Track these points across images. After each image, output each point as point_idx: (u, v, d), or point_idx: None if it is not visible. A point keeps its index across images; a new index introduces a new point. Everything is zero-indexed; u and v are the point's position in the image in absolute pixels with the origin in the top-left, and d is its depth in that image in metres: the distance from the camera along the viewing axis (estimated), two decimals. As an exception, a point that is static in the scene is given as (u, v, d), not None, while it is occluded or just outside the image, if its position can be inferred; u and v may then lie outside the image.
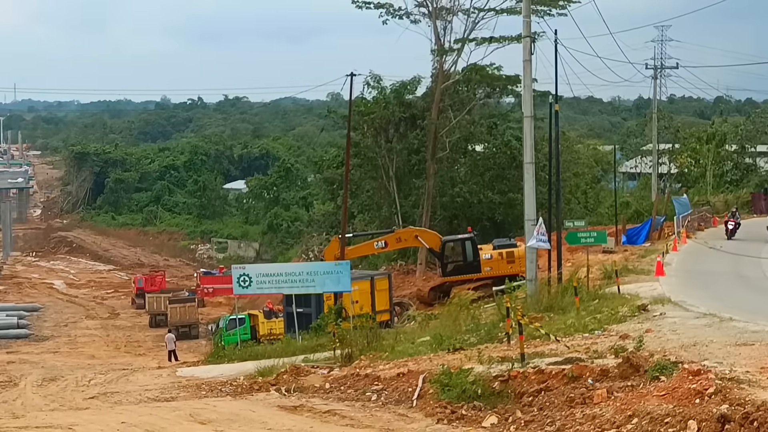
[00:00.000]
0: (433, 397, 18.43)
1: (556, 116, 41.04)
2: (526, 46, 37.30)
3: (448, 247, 50.06)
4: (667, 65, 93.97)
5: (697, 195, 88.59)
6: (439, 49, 63.00)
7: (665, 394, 15.45)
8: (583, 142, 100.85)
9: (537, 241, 34.97)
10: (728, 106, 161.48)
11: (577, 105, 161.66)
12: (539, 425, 16.27)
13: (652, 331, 23.58)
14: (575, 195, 78.17)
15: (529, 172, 37.33)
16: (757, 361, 17.74)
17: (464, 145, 68.68)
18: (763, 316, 25.61)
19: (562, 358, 19.22)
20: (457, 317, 31.36)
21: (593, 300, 32.27)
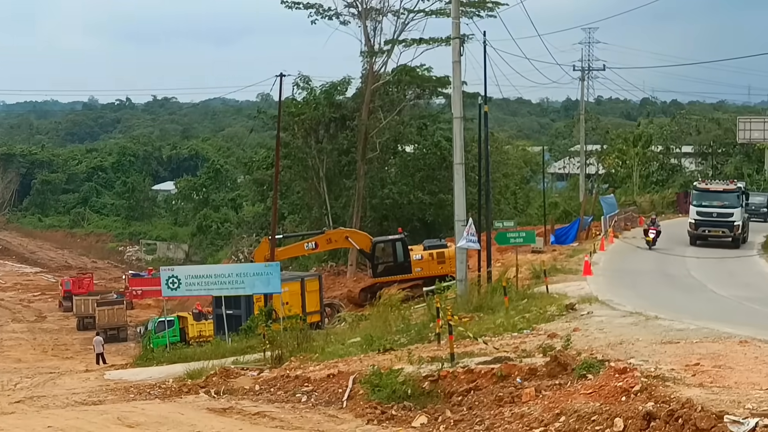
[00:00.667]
0: (364, 397, 18.43)
1: (485, 117, 41.26)
2: (455, 48, 37.50)
3: (378, 248, 50.13)
4: (594, 67, 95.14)
5: (624, 195, 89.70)
6: (369, 50, 63.06)
7: (592, 392, 15.62)
8: (513, 143, 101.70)
9: (467, 241, 35.15)
10: (654, 108, 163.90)
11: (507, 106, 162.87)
12: (468, 424, 16.35)
13: (580, 329, 23.82)
14: (505, 195, 78.74)
15: (458, 172, 37.53)
16: (682, 359, 18.00)
17: (394, 145, 68.85)
18: (688, 314, 26.02)
19: (491, 358, 19.34)
20: (387, 318, 31.37)
21: (522, 299, 32.52)
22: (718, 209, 51.59)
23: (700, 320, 24.26)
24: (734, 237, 51.61)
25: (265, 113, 74.74)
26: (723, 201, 51.83)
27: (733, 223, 51.40)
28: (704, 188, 53.71)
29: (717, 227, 51.62)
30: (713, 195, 52.55)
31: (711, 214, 51.56)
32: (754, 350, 19.08)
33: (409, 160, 70.14)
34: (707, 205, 51.91)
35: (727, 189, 52.86)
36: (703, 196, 52.80)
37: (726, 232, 51.61)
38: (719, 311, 28.61)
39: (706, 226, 51.69)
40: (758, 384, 15.40)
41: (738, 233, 51.64)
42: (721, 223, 51.54)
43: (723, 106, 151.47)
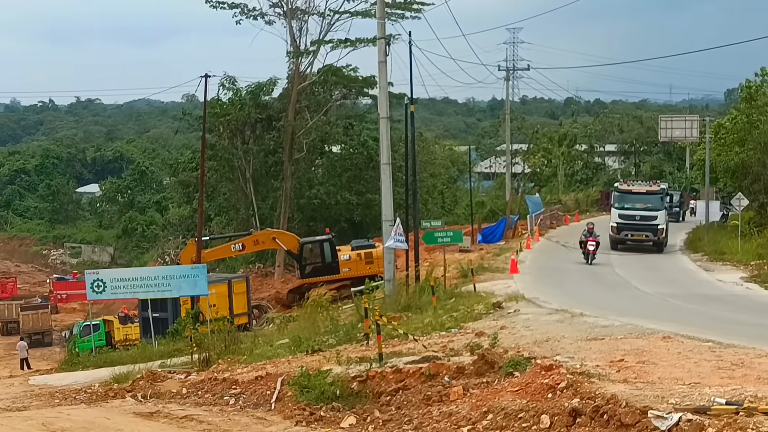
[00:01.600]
0: (292, 399, 18.38)
1: (411, 117, 41.40)
2: (380, 48, 37.57)
3: (306, 249, 50.04)
4: (519, 67, 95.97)
5: (550, 194, 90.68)
6: (295, 50, 62.90)
7: (519, 390, 15.74)
8: (439, 143, 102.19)
9: (394, 241, 35.24)
10: (578, 107, 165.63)
11: (433, 106, 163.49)
12: (397, 424, 16.38)
13: (507, 327, 24.01)
14: (432, 195, 79.07)
15: (385, 172, 37.61)
16: (607, 355, 18.22)
17: (321, 146, 68.75)
18: (613, 310, 26.36)
19: (420, 357, 19.39)
20: (316, 319, 31.35)
21: (450, 298, 32.71)
22: (641, 212, 49.78)
23: (624, 317, 24.59)
24: (658, 241, 50.02)
25: (191, 114, 74.14)
26: (646, 203, 50.04)
27: (657, 226, 49.73)
28: (626, 190, 51.60)
29: (640, 231, 49.73)
30: (636, 197, 50.59)
31: (634, 217, 49.75)
32: (677, 346, 19.37)
33: (336, 161, 70.13)
34: (630, 207, 50.05)
35: (650, 190, 51.01)
36: (625, 197, 50.79)
37: (649, 236, 49.74)
38: (643, 308, 29.01)
39: (629, 230, 49.79)
40: (681, 379, 15.64)
41: (662, 237, 50.24)
42: (645, 226, 49.70)
43: (645, 105, 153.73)
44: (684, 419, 12.97)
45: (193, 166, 72.16)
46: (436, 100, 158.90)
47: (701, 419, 12.87)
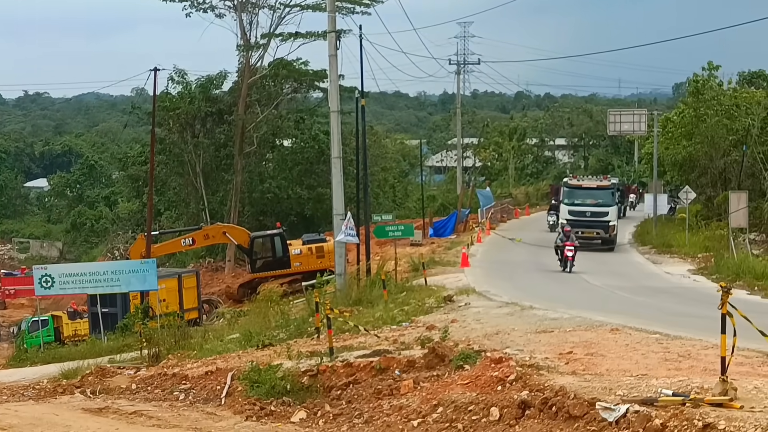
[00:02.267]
0: (242, 394, 18.33)
1: (362, 111, 41.41)
2: (331, 42, 37.56)
3: (257, 243, 49.88)
4: (469, 61, 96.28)
5: (500, 188, 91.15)
6: (245, 43, 62.68)
7: (469, 383, 15.81)
8: (391, 137, 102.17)
9: (345, 235, 35.26)
10: (528, 101, 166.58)
11: (384, 100, 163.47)
12: (347, 418, 16.40)
13: (458, 321, 24.10)
14: (383, 189, 79.11)
15: (336, 166, 37.62)
16: (556, 347, 18.36)
17: (272, 139, 68.55)
18: (562, 303, 26.56)
19: (370, 351, 19.43)
20: (267, 313, 31.30)
21: (401, 292, 32.80)
22: (591, 208, 47.93)
23: (573, 309, 24.79)
24: (609, 238, 48.54)
25: (140, 108, 73.63)
26: (597, 199, 48.31)
27: (608, 223, 48.19)
28: (576, 185, 49.72)
29: (591, 228, 47.75)
30: (586, 192, 48.79)
31: (584, 214, 47.71)
32: (624, 338, 19.57)
33: (287, 154, 69.97)
34: (580, 203, 48.22)
35: (601, 185, 49.36)
36: (575, 193, 48.96)
37: (600, 233, 48.05)
38: (592, 300, 29.25)
39: (579, 227, 46.39)
40: (629, 371, 15.79)
41: (613, 234, 48.82)
42: (595, 223, 47.90)
43: (594, 99, 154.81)
44: (631, 410, 13.10)
45: (142, 160, 71.58)
46: (388, 94, 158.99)
47: (648, 410, 13.00)
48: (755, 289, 33.75)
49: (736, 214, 43.08)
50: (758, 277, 35.62)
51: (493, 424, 14.34)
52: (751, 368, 15.75)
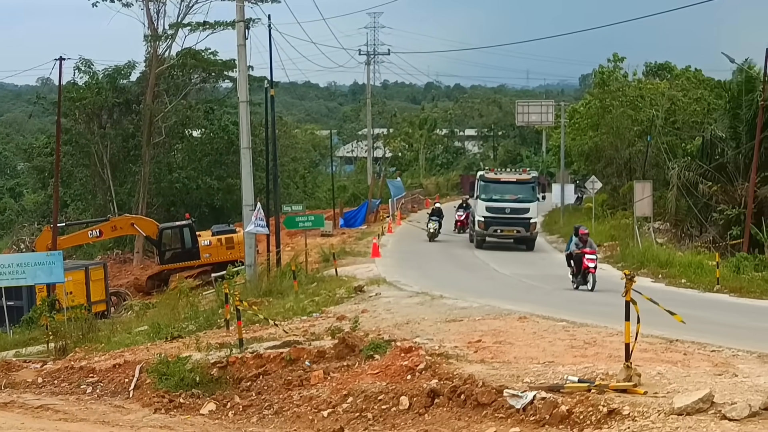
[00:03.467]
0: (151, 386, 18.15)
1: (271, 101, 41.25)
2: (240, 31, 37.35)
3: (165, 235, 49.35)
4: (379, 52, 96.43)
5: (411, 178, 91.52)
6: (153, 33, 61.93)
7: (379, 372, 15.89)
8: (301, 127, 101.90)
9: (255, 226, 35.13)
10: (438, 92, 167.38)
11: (294, 90, 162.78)
12: (257, 409, 16.36)
13: (368, 311, 24.19)
14: (293, 180, 78.91)
15: (246, 157, 37.45)
16: (465, 336, 18.54)
17: (181, 130, 67.86)
18: (471, 292, 26.82)
19: (281, 342, 19.38)
20: (176, 305, 31.00)
21: (312, 283, 32.81)
22: (511, 204, 44.31)
23: (482, 298, 25.06)
24: (530, 237, 45.14)
25: (45, 98, 72.28)
26: (516, 194, 44.76)
27: (530, 220, 44.63)
28: (494, 179, 45.78)
29: (511, 226, 44.28)
30: (505, 187, 45.07)
31: (503, 210, 44.13)
32: (532, 326, 19.84)
33: (196, 145, 69.36)
34: (498, 198, 44.46)
35: (521, 179, 45.59)
36: (493, 188, 45.12)
37: (521, 231, 44.57)
38: (501, 289, 29.57)
39: (498, 224, 44.15)
40: (536, 358, 16.01)
41: (534, 232, 45.50)
42: (516, 220, 44.30)
43: (503, 90, 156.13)
44: (538, 397, 13.31)
45: (48, 151, 70.24)
46: (298, 84, 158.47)
47: (555, 397, 13.22)
48: (659, 276, 34.47)
49: (641, 203, 43.86)
50: (662, 265, 36.38)
51: (403, 413, 14.44)
52: (654, 354, 16.09)
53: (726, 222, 42.08)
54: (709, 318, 22.12)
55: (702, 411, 11.79)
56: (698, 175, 43.78)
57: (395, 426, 14.15)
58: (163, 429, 15.18)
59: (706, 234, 43.48)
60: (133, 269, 56.85)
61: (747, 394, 12.60)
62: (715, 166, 43.77)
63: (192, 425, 15.61)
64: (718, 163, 43.78)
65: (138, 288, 49.67)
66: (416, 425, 13.94)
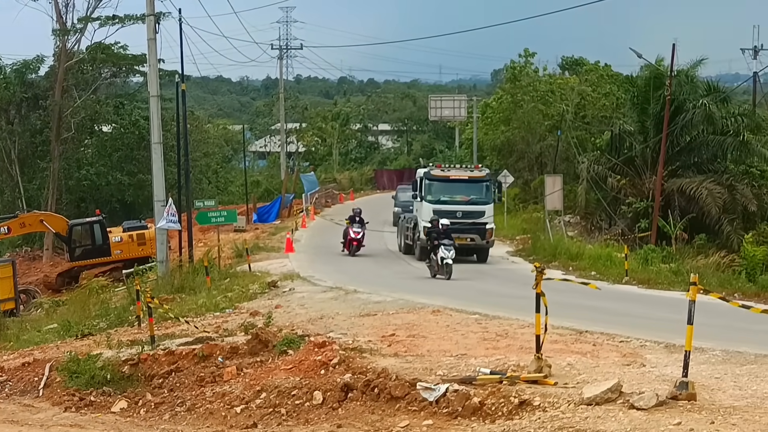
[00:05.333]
0: (61, 385, 17.89)
1: (183, 95, 40.91)
2: (150, 25, 36.99)
3: (75, 231, 48.60)
4: (292, 46, 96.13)
5: (325, 173, 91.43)
6: (61, 27, 60.98)
7: (292, 367, 15.88)
8: (213, 122, 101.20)
9: (167, 222, 34.82)
10: (352, 87, 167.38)
11: (206, 85, 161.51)
12: (170, 406, 16.23)
13: (282, 306, 24.16)
14: (206, 175, 78.36)
15: (157, 152, 37.12)
16: (379, 330, 18.61)
17: (91, 125, 66.93)
18: (384, 286, 26.91)
19: (193, 338, 19.26)
20: (86, 302, 30.67)
21: (225, 279, 32.62)
22: (463, 207, 37.75)
23: (396, 292, 25.17)
24: (486, 246, 38.29)
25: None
26: (469, 194, 38.35)
27: (485, 226, 37.87)
28: (442, 176, 38.63)
29: (463, 233, 36.60)
30: (455, 186, 38.41)
31: (454, 214, 36.62)
32: (445, 319, 19.99)
33: (106, 140, 68.49)
34: (448, 200, 37.90)
35: (473, 177, 38.75)
36: (441, 187, 38.30)
37: (476, 239, 37.57)
38: (414, 283, 29.72)
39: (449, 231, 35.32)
40: (449, 351, 16.14)
41: (491, 240, 38.52)
42: (469, 227, 37.30)
43: (416, 85, 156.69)
44: (451, 390, 13.41)
45: (-47, 147, 68.90)
46: (210, 79, 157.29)
47: (467, 389, 13.34)
48: (569, 269, 34.94)
49: (552, 196, 44.43)
50: (572, 258, 36.91)
51: (317, 407, 14.44)
52: (564, 346, 16.33)
53: (634, 215, 42.82)
54: (617, 309, 22.50)
55: (610, 401, 12.00)
56: (607, 168, 44.46)
57: (309, 421, 14.15)
58: (73, 427, 14.98)
59: (615, 227, 44.17)
60: (43, 266, 55.95)
61: (654, 384, 12.85)
62: (623, 160, 44.49)
63: (103, 423, 15.43)
64: (626, 157, 44.51)
65: (48, 285, 48.88)
66: (330, 420, 13.95)
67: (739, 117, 43.49)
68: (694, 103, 42.61)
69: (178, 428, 14.95)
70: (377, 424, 13.37)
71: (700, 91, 43.85)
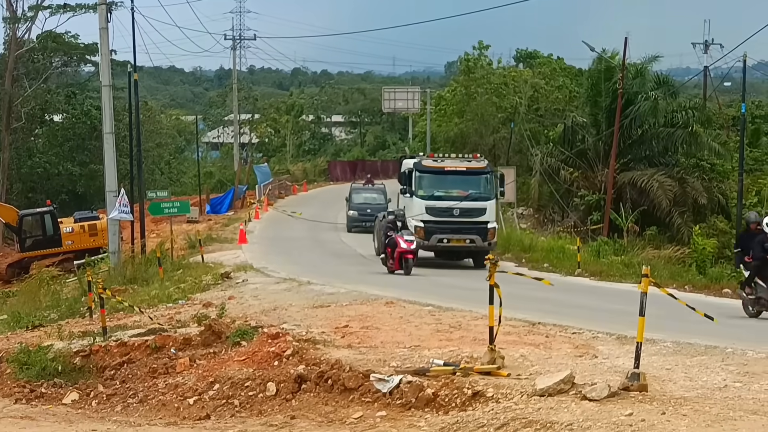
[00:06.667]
0: (11, 376, 17.70)
1: (135, 85, 40.62)
2: (102, 14, 36.80)
3: (26, 222, 48.14)
4: (245, 36, 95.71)
5: (278, 164, 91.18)
6: (12, 15, 60.40)
7: (246, 359, 15.84)
8: (166, 112, 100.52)
9: (119, 212, 34.67)
10: (305, 78, 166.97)
11: (159, 75, 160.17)
12: (122, 398, 16.13)
13: (235, 297, 24.08)
14: (159, 165, 77.91)
15: (108, 142, 36.92)
16: (332, 322, 18.60)
17: (41, 115, 66.35)
18: (338, 278, 26.89)
19: (146, 330, 19.13)
20: (37, 293, 30.42)
21: (178, 270, 32.50)
22: (460, 203, 33.02)
23: (350, 284, 25.15)
24: (486, 249, 32.17)
25: None
26: (467, 188, 33.46)
27: (486, 225, 32.96)
28: (435, 167, 33.85)
29: (462, 234, 32.71)
30: (450, 179, 33.68)
31: (450, 212, 32.80)
32: (399, 310, 20.01)
33: (57, 130, 67.93)
34: (443, 195, 33.36)
35: (471, 168, 33.90)
36: (435, 180, 33.64)
37: (476, 240, 32.69)
38: (368, 275, 29.71)
39: (445, 232, 32.63)
40: (402, 342, 16.16)
41: (493, 242, 33.27)
42: (468, 226, 32.71)
43: (370, 77, 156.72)
44: (404, 381, 13.43)
45: None
46: (162, 69, 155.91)
47: (421, 380, 13.37)
48: (522, 261, 35.14)
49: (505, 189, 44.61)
50: (525, 250, 37.13)
51: (270, 399, 14.41)
52: (518, 337, 16.40)
53: (587, 207, 43.18)
54: (570, 301, 22.65)
55: (563, 392, 12.07)
56: (560, 161, 44.79)
57: (262, 412, 14.12)
58: (24, 419, 14.83)
59: (567, 219, 44.52)
60: (-8, 257, 55.36)
61: (606, 375, 12.95)
62: (576, 153, 44.84)
63: (54, 415, 15.30)
64: (579, 150, 44.85)
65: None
66: (283, 411, 13.93)
67: (689, 110, 43.99)
68: (644, 96, 43.01)
69: (131, 420, 14.86)
70: (331, 415, 13.37)
71: (651, 84, 44.26)
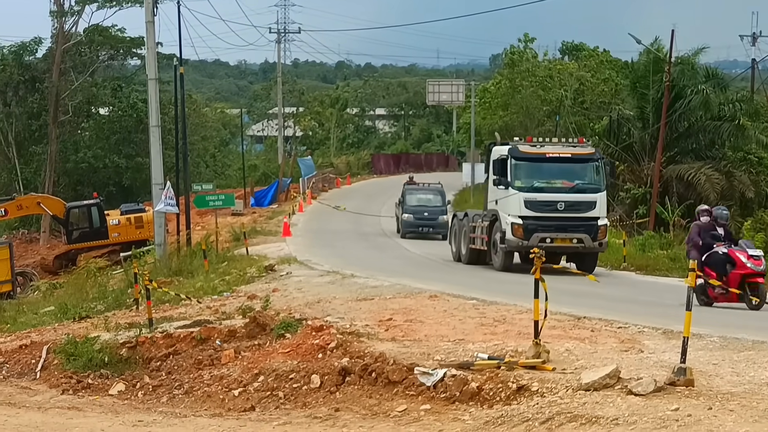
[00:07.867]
0: (58, 367, 17.88)
1: (181, 79, 40.86)
2: (148, 8, 36.98)
3: (73, 214, 48.59)
4: (290, 30, 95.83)
5: (322, 157, 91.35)
6: (59, 9, 60.91)
7: (290, 351, 15.87)
8: (211, 106, 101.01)
9: (165, 205, 34.84)
10: (349, 71, 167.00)
11: (204, 68, 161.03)
12: (167, 389, 16.22)
13: (279, 290, 24.13)
14: (204, 158, 78.30)
15: (155, 135, 37.14)
16: (376, 315, 18.58)
17: (88, 108, 66.85)
18: (382, 271, 26.89)
19: (191, 322, 19.24)
20: (84, 285, 30.66)
21: (222, 262, 32.63)
22: (566, 195, 28.45)
23: (393, 277, 25.14)
24: (597, 250, 28.90)
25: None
26: (573, 178, 28.79)
27: (597, 221, 28.49)
28: (535, 153, 28.78)
29: (568, 232, 28.22)
30: (553, 168, 28.86)
31: (554, 206, 28.17)
32: (443, 304, 19.95)
33: (104, 123, 68.40)
34: (545, 187, 28.51)
35: (578, 154, 29.05)
36: (535, 169, 28.65)
37: (586, 240, 28.08)
38: (412, 268, 29.70)
39: (549, 230, 28.03)
40: (446, 336, 16.12)
41: (604, 241, 29.03)
42: (575, 223, 28.33)
43: (414, 69, 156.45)
44: (448, 375, 13.40)
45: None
46: (207, 62, 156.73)
47: (465, 374, 13.33)
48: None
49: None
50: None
51: (314, 391, 14.44)
52: (563, 331, 16.30)
53: (633, 201, 42.86)
54: (615, 295, 22.50)
55: (609, 386, 11.99)
56: (606, 154, 44.44)
57: (306, 404, 14.15)
58: (71, 410, 14.97)
59: (613, 213, 44.16)
60: (40, 249, 55.94)
61: (652, 370, 12.84)
62: (622, 146, 44.51)
63: (101, 406, 15.43)
64: (625, 143, 44.51)
65: (45, 268, 48.88)
66: (328, 403, 13.95)
67: (737, 103, 43.51)
68: (692, 89, 42.58)
69: (176, 411, 14.95)
70: (375, 408, 13.37)
71: (699, 77, 43.83)
